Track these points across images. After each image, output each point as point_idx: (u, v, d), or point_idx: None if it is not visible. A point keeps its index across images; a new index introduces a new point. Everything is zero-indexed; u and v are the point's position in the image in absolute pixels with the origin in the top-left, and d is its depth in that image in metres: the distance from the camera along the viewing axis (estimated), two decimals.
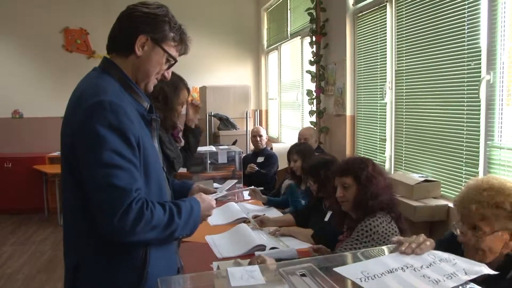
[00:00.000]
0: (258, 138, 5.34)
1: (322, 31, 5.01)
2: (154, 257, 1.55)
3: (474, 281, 1.20)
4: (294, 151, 3.80)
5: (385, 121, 3.97)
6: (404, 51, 3.66)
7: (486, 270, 1.25)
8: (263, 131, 5.41)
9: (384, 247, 1.50)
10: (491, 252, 1.62)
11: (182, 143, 3.16)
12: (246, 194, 4.13)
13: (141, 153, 1.49)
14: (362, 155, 3.12)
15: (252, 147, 5.71)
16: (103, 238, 1.44)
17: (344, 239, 2.44)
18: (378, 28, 4.05)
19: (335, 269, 1.30)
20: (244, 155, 5.28)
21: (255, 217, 3.23)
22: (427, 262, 1.29)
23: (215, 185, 4.26)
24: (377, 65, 4.09)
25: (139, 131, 1.49)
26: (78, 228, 1.52)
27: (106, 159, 1.39)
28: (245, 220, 3.24)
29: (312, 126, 5.10)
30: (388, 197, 2.33)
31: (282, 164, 5.44)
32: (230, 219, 3.32)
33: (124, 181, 1.39)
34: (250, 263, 2.10)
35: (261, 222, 3.15)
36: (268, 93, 8.21)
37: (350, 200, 2.35)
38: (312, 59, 5.16)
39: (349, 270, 1.25)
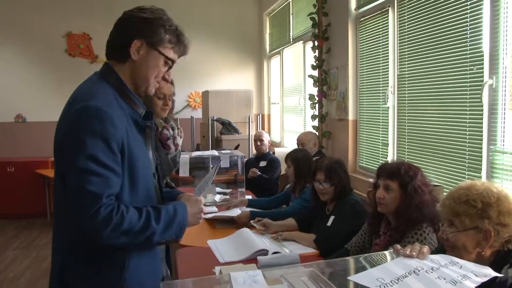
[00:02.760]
0: (259, 143, 5.34)
1: (324, 36, 5.02)
2: (135, 263, 1.55)
3: None
4: (289, 156, 3.80)
5: (388, 125, 3.97)
6: (406, 56, 3.66)
7: (494, 273, 1.25)
8: (265, 136, 5.40)
9: (386, 252, 1.50)
10: (465, 251, 1.64)
11: (172, 149, 3.09)
12: (247, 196, 4.12)
13: (126, 159, 1.50)
14: (410, 162, 2.98)
15: (254, 151, 5.71)
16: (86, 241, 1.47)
17: (381, 243, 2.41)
18: (380, 32, 4.05)
19: (349, 277, 1.29)
20: (246, 159, 5.28)
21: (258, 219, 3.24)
22: (436, 265, 1.29)
23: (217, 189, 4.27)
24: (379, 69, 4.09)
25: (127, 137, 1.50)
26: (64, 229, 1.55)
27: (81, 164, 1.41)
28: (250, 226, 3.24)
29: (312, 131, 5.09)
30: (432, 210, 2.28)
31: (284, 169, 5.44)
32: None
33: (96, 186, 1.41)
34: None
35: (264, 226, 3.15)
36: (270, 97, 8.22)
37: (389, 204, 2.33)
38: (314, 64, 5.17)
39: (364, 278, 1.24)
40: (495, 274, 1.25)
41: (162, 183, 1.82)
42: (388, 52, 3.92)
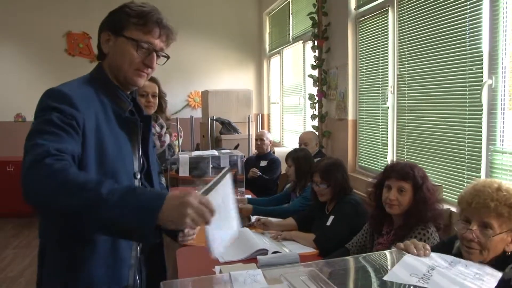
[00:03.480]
0: (259, 142, 5.34)
1: (324, 36, 5.02)
2: (90, 262, 1.46)
3: None
4: (289, 156, 3.80)
5: (387, 125, 3.97)
6: (406, 56, 3.66)
7: (496, 272, 1.27)
8: (266, 135, 5.40)
9: (386, 251, 1.51)
10: (494, 252, 1.64)
11: (157, 146, 3.12)
12: (246, 196, 4.12)
13: (91, 147, 1.43)
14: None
15: (254, 150, 5.72)
16: (61, 230, 1.44)
17: (384, 243, 2.42)
18: (380, 32, 4.06)
19: (385, 278, 1.28)
20: (246, 158, 5.28)
21: (258, 219, 3.25)
22: (447, 263, 1.30)
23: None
24: (379, 69, 4.09)
25: (96, 126, 1.45)
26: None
27: (34, 126, 1.39)
28: (250, 225, 3.25)
29: (313, 130, 5.10)
30: (438, 209, 2.34)
31: (284, 169, 5.45)
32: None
33: (45, 140, 1.31)
34: None
35: (264, 226, 3.15)
36: (270, 97, 8.22)
37: (402, 205, 2.32)
38: (314, 64, 5.17)
39: (398, 276, 1.24)
40: (498, 273, 1.26)
41: (152, 185, 1.67)
42: (387, 52, 3.92)
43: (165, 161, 3.26)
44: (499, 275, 1.25)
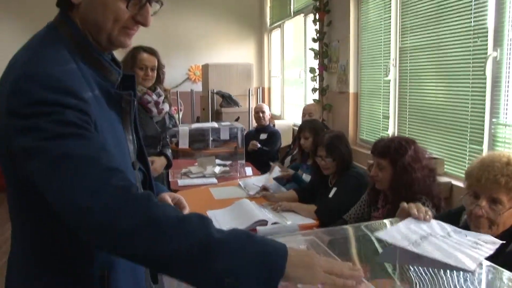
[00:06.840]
0: (261, 114, 5.30)
1: (326, 8, 4.95)
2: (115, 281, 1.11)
3: None
4: (306, 128, 3.71)
5: (389, 98, 3.94)
6: (408, 28, 3.61)
7: (497, 240, 1.26)
8: (266, 108, 5.38)
9: (386, 221, 1.50)
10: (503, 226, 1.63)
11: (154, 112, 3.05)
12: (248, 170, 4.12)
13: None
14: (405, 136, 3.01)
15: (254, 124, 5.69)
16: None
17: (379, 217, 2.42)
18: (382, 4, 3.99)
19: (376, 233, 1.26)
20: (246, 131, 5.26)
21: (263, 189, 3.29)
22: (445, 232, 1.28)
23: (217, 161, 4.26)
24: (381, 42, 4.04)
25: (95, 116, 1.03)
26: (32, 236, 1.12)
27: (57, 131, 0.97)
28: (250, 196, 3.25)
29: (316, 103, 5.07)
30: (426, 185, 2.28)
31: (285, 141, 5.44)
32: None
33: (96, 153, 0.99)
34: None
35: (264, 198, 3.15)
36: (271, 70, 8.16)
37: (383, 181, 2.36)
38: (315, 37, 5.11)
39: (391, 236, 1.22)
40: (499, 241, 1.25)
41: (151, 177, 1.33)
42: (390, 24, 3.87)
43: (165, 130, 3.22)
44: (499, 243, 1.24)
